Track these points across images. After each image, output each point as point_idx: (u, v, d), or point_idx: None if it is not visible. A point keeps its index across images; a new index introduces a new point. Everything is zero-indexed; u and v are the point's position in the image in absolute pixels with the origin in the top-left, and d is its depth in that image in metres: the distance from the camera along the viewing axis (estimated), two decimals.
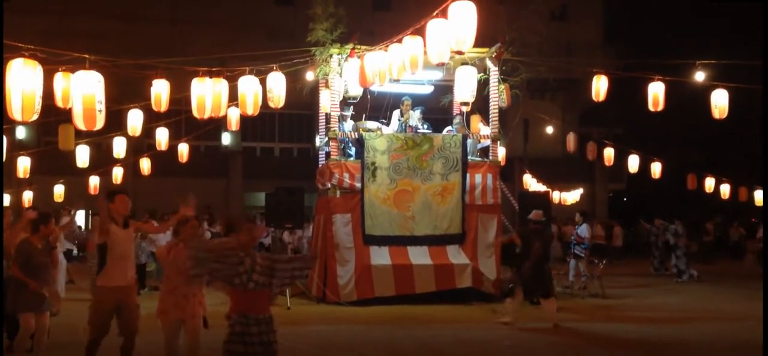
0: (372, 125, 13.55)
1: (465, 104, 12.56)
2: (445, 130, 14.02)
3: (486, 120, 13.77)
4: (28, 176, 17.17)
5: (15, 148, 19.79)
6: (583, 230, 14.90)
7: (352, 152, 13.11)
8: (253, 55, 13.33)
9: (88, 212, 16.57)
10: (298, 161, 28.08)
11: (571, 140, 21.41)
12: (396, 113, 13.82)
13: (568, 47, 27.65)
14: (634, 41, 29.82)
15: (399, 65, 9.46)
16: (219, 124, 15.75)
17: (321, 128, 14.27)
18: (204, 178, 25.65)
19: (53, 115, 10.68)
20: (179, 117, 15.40)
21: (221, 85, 10.27)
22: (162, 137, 15.24)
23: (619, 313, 11.81)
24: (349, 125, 13.36)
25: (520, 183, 22.78)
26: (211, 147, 28.33)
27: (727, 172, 19.92)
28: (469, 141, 13.37)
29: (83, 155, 16.19)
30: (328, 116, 13.16)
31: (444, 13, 7.72)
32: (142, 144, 20.73)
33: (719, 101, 11.31)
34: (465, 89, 12.09)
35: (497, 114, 13.27)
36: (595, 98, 12.41)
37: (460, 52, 8.00)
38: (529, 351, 8.84)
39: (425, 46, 8.68)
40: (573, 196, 24.81)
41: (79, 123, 7.84)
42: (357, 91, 13.00)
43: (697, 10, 30.58)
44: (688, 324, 10.83)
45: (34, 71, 7.07)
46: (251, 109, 10.77)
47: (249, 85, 10.64)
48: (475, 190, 13.08)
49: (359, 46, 12.18)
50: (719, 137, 27.15)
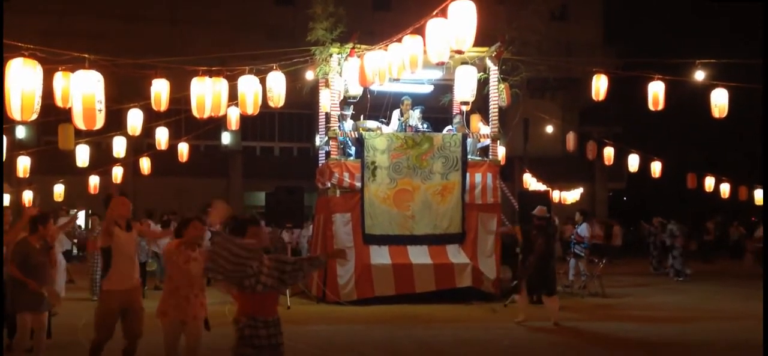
0: (372, 124, 13.55)
1: (465, 104, 12.55)
2: (445, 129, 14.03)
3: (486, 119, 13.77)
4: (28, 175, 17.17)
5: (15, 147, 19.79)
6: (583, 230, 14.92)
7: (352, 151, 13.11)
8: (253, 54, 13.34)
9: (88, 212, 16.55)
10: (298, 161, 28.07)
11: (571, 139, 21.42)
12: (396, 113, 13.82)
13: (568, 47, 27.64)
14: (634, 41, 29.84)
15: (399, 65, 9.45)
16: (219, 123, 15.76)
17: (321, 127, 14.27)
18: (204, 177, 25.69)
19: (53, 114, 10.68)
20: (179, 117, 15.39)
21: (221, 84, 10.26)
22: (162, 136, 15.24)
23: (619, 312, 11.81)
24: (349, 124, 13.37)
25: (520, 182, 22.76)
26: (211, 147, 28.33)
27: (727, 171, 19.92)
28: (469, 140, 13.38)
29: (83, 155, 16.18)
30: (328, 116, 13.17)
31: (444, 13, 7.72)
32: (142, 144, 20.73)
33: (719, 101, 11.31)
34: (465, 89, 12.08)
35: (497, 113, 13.27)
36: (595, 98, 12.40)
37: (459, 52, 7.99)
38: (529, 351, 8.84)
39: (425, 45, 8.68)
40: (573, 195, 24.82)
41: (79, 123, 7.83)
42: (357, 90, 13.00)
43: (697, 10, 30.59)
44: (688, 323, 10.83)
45: (34, 71, 7.06)
46: (251, 108, 10.76)
47: (249, 84, 10.63)
48: (475, 189, 13.08)
49: (359, 46, 12.17)
50: (719, 136, 27.14)
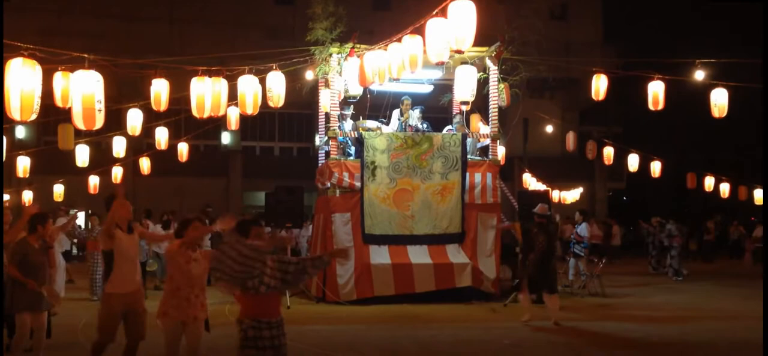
0: (371, 124, 13.55)
1: (465, 103, 12.56)
2: (444, 129, 14.02)
3: (486, 119, 13.77)
4: (27, 175, 17.17)
5: (15, 147, 19.79)
6: (583, 229, 14.92)
7: (352, 151, 13.11)
8: (253, 54, 13.36)
9: (88, 212, 16.55)
10: (297, 161, 28.06)
11: (571, 139, 21.41)
12: (396, 112, 13.82)
13: (567, 46, 27.62)
14: (634, 40, 29.84)
15: (398, 64, 9.44)
16: (218, 123, 15.76)
17: (320, 127, 14.27)
18: (203, 177, 25.69)
19: (53, 114, 10.70)
20: (179, 116, 15.40)
21: (221, 84, 10.26)
22: (161, 136, 15.24)
23: (619, 312, 11.81)
24: (348, 124, 13.37)
25: (520, 182, 22.77)
26: (210, 146, 28.32)
27: (727, 171, 19.92)
28: (469, 140, 13.37)
29: (83, 155, 16.18)
30: (328, 116, 13.17)
31: (443, 12, 7.71)
32: (141, 144, 20.74)
33: (719, 100, 11.31)
34: (465, 88, 12.08)
35: (497, 113, 13.27)
36: (594, 97, 12.41)
37: (459, 51, 7.98)
38: (529, 350, 8.83)
39: (425, 45, 8.67)
40: (573, 195, 24.81)
41: (79, 123, 7.84)
42: (357, 90, 12.97)
43: (697, 10, 30.62)
44: (687, 322, 10.83)
45: (33, 71, 7.06)
46: (251, 108, 10.76)
47: (248, 84, 10.63)
48: (474, 189, 13.08)
49: (359, 46, 12.16)
50: (719, 135, 27.15)
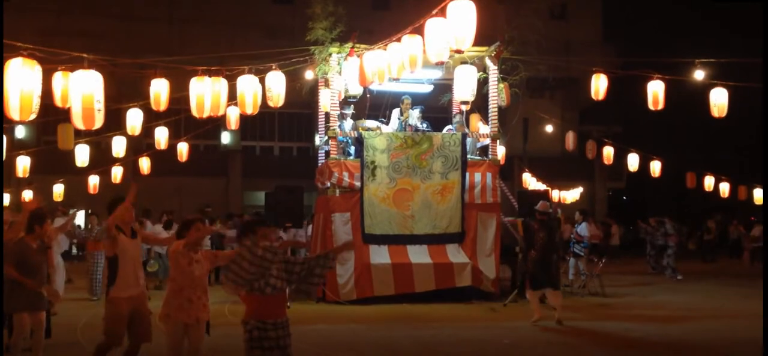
0: (371, 123, 13.55)
1: (464, 103, 12.55)
2: (444, 129, 14.02)
3: (485, 119, 13.77)
4: (27, 175, 17.15)
5: (14, 147, 19.78)
6: (583, 229, 14.92)
7: (352, 150, 13.11)
8: (253, 54, 13.34)
9: (88, 212, 16.54)
10: (297, 160, 28.07)
11: (571, 138, 21.40)
12: (396, 112, 13.82)
13: (567, 46, 27.63)
14: (633, 40, 29.85)
15: (398, 64, 9.44)
16: (218, 123, 15.75)
17: (320, 127, 14.26)
18: (203, 177, 25.70)
19: (52, 114, 10.69)
20: (178, 116, 15.37)
21: (220, 84, 10.23)
22: (161, 136, 15.23)
23: (619, 311, 11.80)
24: (348, 124, 13.36)
25: (520, 182, 22.77)
26: (210, 146, 28.33)
27: (726, 170, 19.92)
28: (469, 140, 13.37)
29: (83, 155, 16.17)
30: (328, 115, 13.16)
31: (443, 12, 7.70)
32: (141, 143, 20.73)
33: (718, 100, 11.30)
34: (464, 88, 12.08)
35: (496, 113, 13.27)
36: (594, 97, 12.39)
37: (459, 51, 7.97)
38: (529, 350, 8.83)
39: (424, 44, 8.66)
40: (572, 195, 24.81)
41: (78, 123, 7.82)
42: (357, 90, 12.99)
43: (697, 9, 30.62)
44: (688, 322, 10.83)
45: (33, 71, 7.04)
46: (250, 108, 10.73)
47: (248, 84, 10.61)
48: (474, 189, 13.08)
49: (358, 45, 12.15)
50: (718, 135, 27.14)
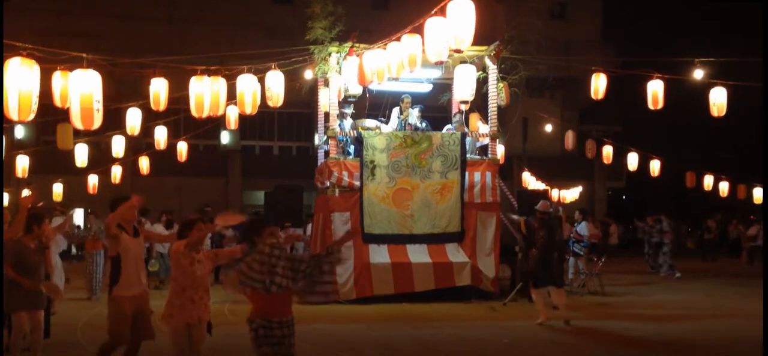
0: (371, 123, 13.54)
1: (464, 102, 12.55)
2: (444, 128, 14.01)
3: (485, 118, 13.76)
4: (27, 175, 17.14)
5: (14, 147, 19.77)
6: (583, 228, 14.92)
7: (351, 150, 13.10)
8: (252, 53, 13.31)
9: (87, 211, 16.53)
10: (297, 160, 28.06)
11: (570, 138, 21.39)
12: (395, 111, 13.81)
13: (566, 45, 27.63)
14: (633, 39, 29.85)
15: (398, 64, 9.43)
16: (218, 123, 15.71)
17: (320, 126, 14.25)
18: (203, 177, 25.69)
19: (52, 114, 10.67)
20: (178, 116, 15.36)
21: (220, 83, 10.23)
22: (161, 135, 15.23)
23: (618, 310, 11.80)
24: (348, 123, 13.36)
25: (519, 181, 22.75)
26: (209, 146, 28.32)
27: (726, 169, 19.91)
28: (468, 139, 13.36)
29: (82, 154, 16.15)
30: (327, 115, 13.15)
31: (442, 12, 7.69)
32: (140, 143, 20.71)
33: (718, 99, 11.31)
34: (464, 88, 12.07)
35: (496, 112, 13.26)
36: (593, 96, 12.39)
37: (458, 51, 7.96)
38: (529, 349, 8.83)
39: (424, 44, 8.66)
40: (572, 194, 24.80)
41: (77, 122, 7.81)
42: (356, 89, 12.98)
43: (696, 8, 30.63)
44: (687, 321, 10.83)
45: (31, 71, 7.03)
46: (250, 108, 10.73)
47: (248, 83, 10.61)
48: (474, 188, 13.07)
49: (358, 45, 12.13)
50: (718, 134, 27.14)
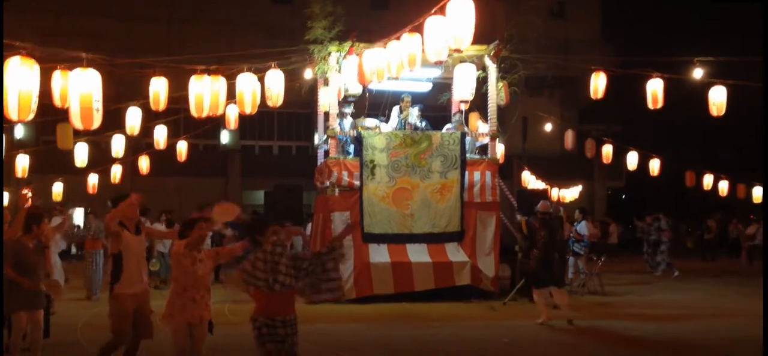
0: (370, 122, 13.54)
1: (464, 102, 12.55)
2: (444, 128, 14.01)
3: (484, 118, 13.77)
4: (26, 175, 17.13)
5: (14, 147, 19.75)
6: (583, 228, 14.92)
7: (351, 149, 13.10)
8: (252, 53, 13.28)
9: (87, 211, 16.52)
10: (296, 160, 28.05)
11: (570, 137, 21.38)
12: (395, 110, 13.81)
13: (566, 44, 27.62)
14: (633, 38, 29.84)
15: (397, 63, 9.42)
16: (217, 122, 15.69)
17: (319, 126, 14.25)
18: (203, 176, 25.67)
19: (51, 114, 10.66)
20: (177, 116, 15.35)
21: (219, 83, 10.21)
22: (160, 135, 15.22)
23: (618, 310, 11.81)
24: (347, 122, 13.36)
25: (519, 181, 22.76)
26: (209, 146, 28.31)
27: (725, 169, 19.91)
28: (468, 139, 13.37)
29: (82, 154, 16.13)
30: (327, 114, 13.15)
31: (442, 11, 7.69)
32: (140, 143, 20.69)
33: (717, 98, 11.31)
34: (464, 87, 12.08)
35: (496, 111, 13.26)
36: (593, 96, 12.37)
37: (458, 50, 7.96)
38: (529, 349, 8.83)
39: (423, 43, 8.65)
40: (571, 193, 24.79)
41: (76, 122, 7.80)
42: (356, 89, 12.97)
43: (696, 8, 30.63)
44: (687, 320, 10.84)
45: (31, 70, 7.03)
46: (250, 107, 10.72)
47: (247, 83, 10.60)
48: (473, 187, 13.08)
49: (357, 44, 12.13)
50: (717, 133, 27.13)
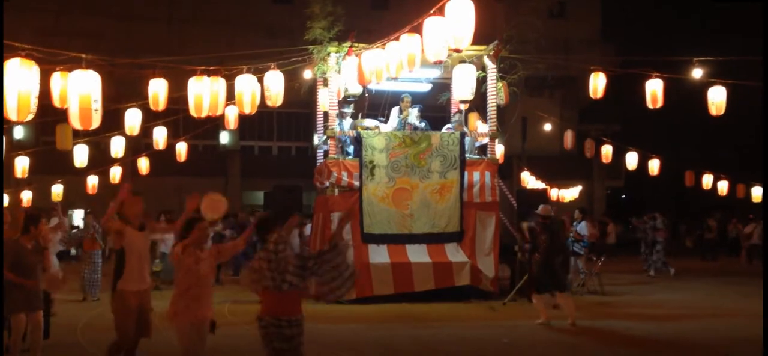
0: (370, 123, 13.54)
1: (463, 102, 12.54)
2: (443, 128, 14.01)
3: (484, 118, 13.76)
4: (26, 175, 17.13)
5: (13, 148, 19.76)
6: (582, 228, 14.91)
7: (351, 150, 13.10)
8: (251, 53, 13.31)
9: (87, 211, 16.52)
10: (296, 160, 28.05)
11: (569, 137, 21.40)
12: (395, 110, 13.81)
13: (565, 44, 27.63)
14: (632, 38, 29.84)
15: (397, 63, 9.42)
16: (217, 123, 15.71)
17: (319, 126, 14.25)
18: (202, 177, 25.61)
19: (51, 114, 10.65)
20: (177, 116, 15.35)
21: (219, 84, 10.22)
22: (160, 136, 15.23)
23: (618, 310, 11.81)
24: (347, 123, 13.35)
25: (519, 181, 22.76)
26: (209, 146, 28.30)
27: (725, 168, 19.92)
28: (467, 139, 13.36)
29: (81, 155, 16.14)
30: (327, 115, 13.15)
31: (441, 11, 7.69)
32: (140, 143, 20.69)
33: (717, 98, 11.31)
34: (463, 87, 12.07)
35: (495, 112, 13.26)
36: (592, 95, 12.37)
37: (457, 50, 7.97)
38: (529, 349, 8.83)
39: (423, 43, 8.65)
40: (571, 193, 24.81)
41: (76, 123, 7.80)
42: (355, 89, 12.97)
43: (695, 8, 30.63)
44: (687, 320, 10.83)
45: (30, 71, 7.03)
46: (249, 108, 10.72)
47: (247, 83, 10.60)
48: (473, 188, 13.07)
49: (357, 44, 12.12)
50: (717, 133, 27.14)
